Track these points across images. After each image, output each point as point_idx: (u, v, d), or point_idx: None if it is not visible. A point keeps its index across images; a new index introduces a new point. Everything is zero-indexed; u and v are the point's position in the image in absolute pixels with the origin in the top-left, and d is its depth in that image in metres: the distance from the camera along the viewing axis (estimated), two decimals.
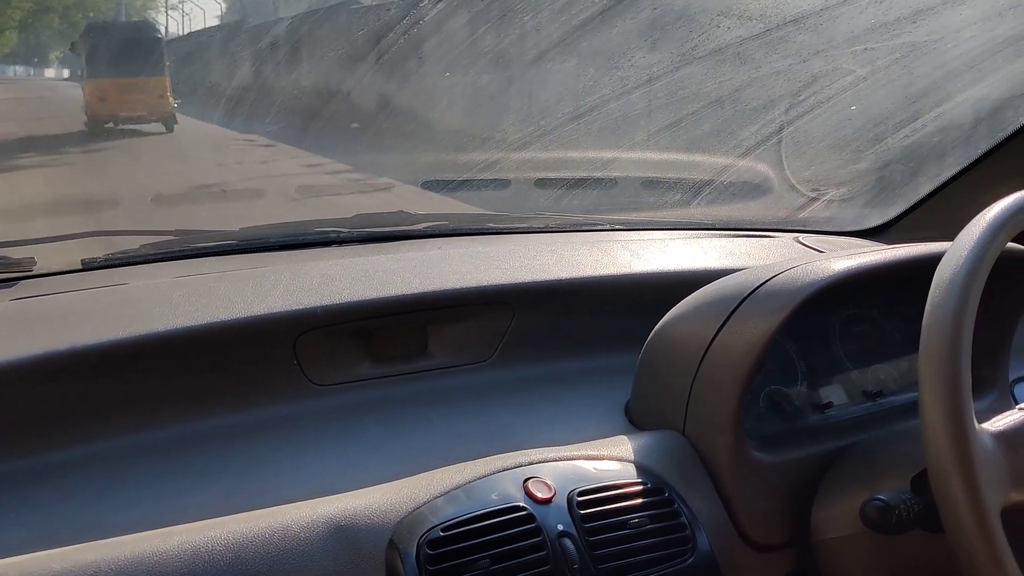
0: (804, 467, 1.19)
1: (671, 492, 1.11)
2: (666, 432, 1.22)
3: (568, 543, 1.02)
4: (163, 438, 1.21)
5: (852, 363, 1.37)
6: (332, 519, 0.99)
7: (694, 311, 1.27)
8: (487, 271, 1.47)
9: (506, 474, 1.08)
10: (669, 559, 1.06)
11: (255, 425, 1.25)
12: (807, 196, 2.04)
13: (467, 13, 8.75)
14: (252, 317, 1.27)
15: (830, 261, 1.24)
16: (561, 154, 2.84)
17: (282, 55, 12.96)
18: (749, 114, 2.52)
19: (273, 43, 14.91)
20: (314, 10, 12.49)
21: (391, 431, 1.28)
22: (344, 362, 1.35)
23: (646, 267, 1.57)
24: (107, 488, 1.11)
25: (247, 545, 0.95)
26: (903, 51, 2.03)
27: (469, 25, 8.83)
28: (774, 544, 1.17)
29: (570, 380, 1.44)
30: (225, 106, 11.43)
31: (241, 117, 7.83)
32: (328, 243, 1.66)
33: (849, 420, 1.31)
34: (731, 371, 1.16)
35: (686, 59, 3.17)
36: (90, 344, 1.19)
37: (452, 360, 1.43)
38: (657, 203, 2.14)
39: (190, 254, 1.57)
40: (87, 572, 0.89)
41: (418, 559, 0.97)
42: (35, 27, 47.55)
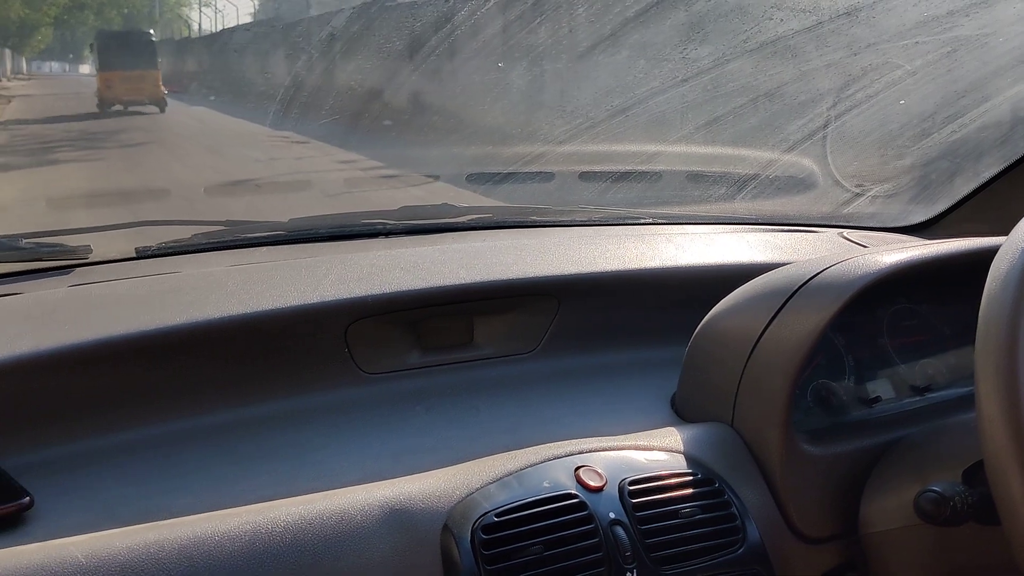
0: (853, 460, 1.19)
1: (721, 483, 1.12)
2: (715, 424, 1.22)
3: (620, 531, 1.02)
4: (217, 423, 1.23)
5: (900, 357, 1.37)
6: (388, 503, 1.00)
7: (744, 304, 1.27)
8: (532, 263, 1.48)
9: (557, 462, 1.09)
10: (719, 549, 1.07)
11: (306, 411, 1.28)
12: (851, 191, 2.03)
13: (520, 5, 8.75)
14: (305, 305, 1.29)
15: (881, 255, 1.23)
16: (606, 147, 2.84)
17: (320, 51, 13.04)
18: (796, 108, 2.51)
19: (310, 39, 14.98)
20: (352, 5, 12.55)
21: (439, 419, 1.29)
22: (393, 351, 1.37)
23: (691, 260, 1.58)
24: (163, 472, 1.14)
25: (305, 527, 0.96)
26: (953, 45, 2.01)
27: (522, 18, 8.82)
28: (822, 536, 1.17)
29: (615, 372, 1.44)
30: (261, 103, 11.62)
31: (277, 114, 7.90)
32: (374, 235, 1.68)
33: (897, 414, 1.30)
34: (781, 364, 1.16)
35: (737, 52, 3.15)
36: (146, 330, 1.22)
37: (498, 350, 1.44)
38: (701, 197, 2.14)
39: (241, 244, 1.59)
40: (150, 550, 0.91)
41: (473, 544, 0.98)
42: (70, 24, 48.22)
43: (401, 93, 9.81)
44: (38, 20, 41.25)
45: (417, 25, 9.10)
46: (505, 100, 9.92)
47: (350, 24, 11.89)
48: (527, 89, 9.89)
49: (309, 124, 7.94)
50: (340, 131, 8.33)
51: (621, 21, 6.55)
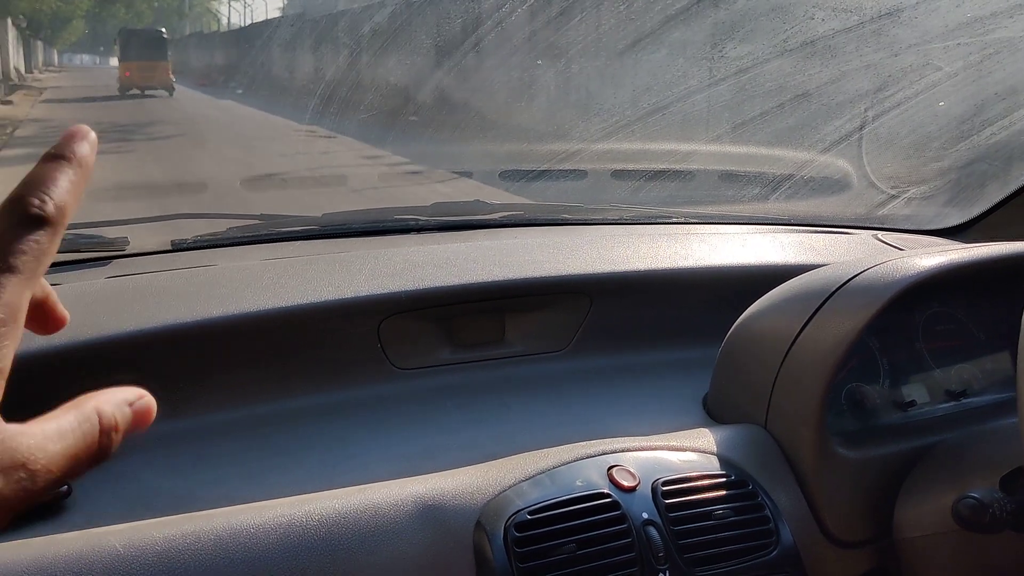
0: (887, 465, 1.18)
1: (754, 485, 1.11)
2: (748, 425, 1.22)
3: (653, 531, 1.02)
4: (252, 416, 1.24)
5: (935, 362, 1.36)
6: (421, 499, 1.01)
7: (779, 305, 1.26)
8: (565, 261, 1.48)
9: (590, 461, 1.09)
10: (752, 551, 1.06)
11: (339, 406, 1.28)
12: (887, 193, 2.01)
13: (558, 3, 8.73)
14: (340, 300, 1.30)
15: (918, 258, 1.22)
16: (640, 146, 2.83)
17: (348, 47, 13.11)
18: (833, 109, 2.48)
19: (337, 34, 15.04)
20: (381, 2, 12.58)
21: (471, 416, 1.30)
22: (425, 347, 1.37)
23: (724, 260, 1.57)
24: (197, 463, 1.15)
25: (339, 521, 0.97)
26: (996, 47, 1.98)
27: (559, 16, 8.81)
28: (856, 540, 1.16)
29: (646, 372, 1.44)
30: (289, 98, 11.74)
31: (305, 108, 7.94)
32: (407, 230, 1.68)
33: (932, 419, 1.29)
34: (817, 367, 1.15)
35: (776, 51, 3.13)
36: (183, 322, 1.23)
37: (529, 348, 1.44)
38: (735, 197, 2.13)
39: (275, 238, 1.60)
40: (187, 541, 0.92)
41: (505, 541, 0.98)
42: (101, 17, 48.76)
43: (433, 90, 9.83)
44: (70, 13, 41.81)
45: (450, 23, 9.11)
46: (540, 98, 9.91)
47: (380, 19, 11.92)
48: (562, 87, 9.88)
49: (337, 119, 7.97)
50: (370, 127, 8.37)
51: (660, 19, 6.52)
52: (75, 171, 0.46)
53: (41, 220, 0.43)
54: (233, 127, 13.75)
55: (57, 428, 0.43)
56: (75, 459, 0.43)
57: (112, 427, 0.45)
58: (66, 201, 0.45)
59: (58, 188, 0.44)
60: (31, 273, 0.43)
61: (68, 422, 0.44)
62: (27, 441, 0.41)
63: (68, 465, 0.43)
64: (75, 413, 0.44)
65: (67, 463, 0.43)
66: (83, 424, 0.44)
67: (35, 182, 0.44)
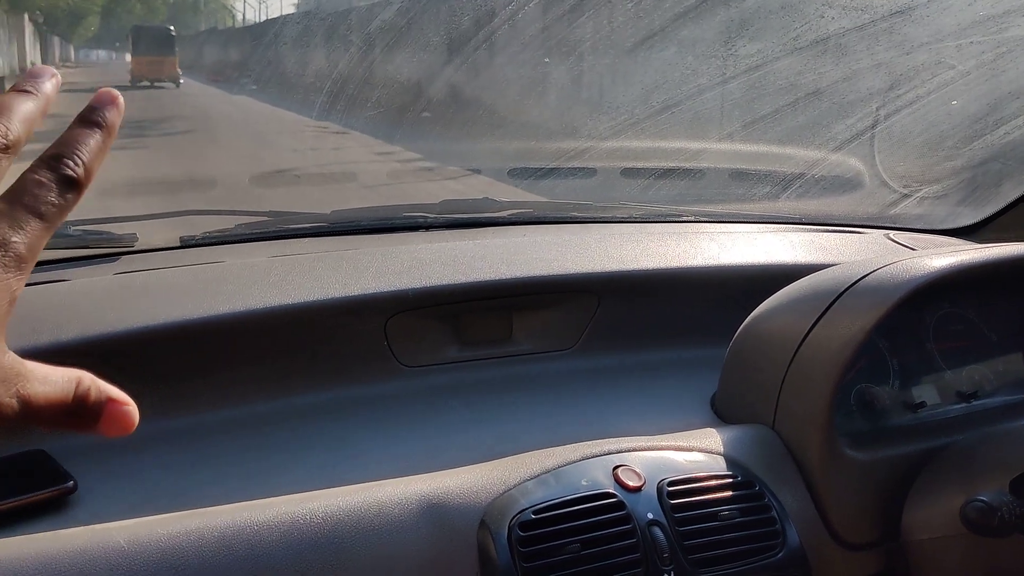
0: (896, 466, 1.17)
1: (761, 486, 1.10)
2: (755, 426, 1.21)
3: (658, 532, 1.02)
4: (257, 413, 1.24)
5: (946, 363, 1.35)
6: (425, 497, 1.01)
7: (788, 305, 1.25)
8: (573, 259, 1.48)
9: (595, 461, 1.08)
10: (758, 552, 1.05)
11: (345, 403, 1.28)
12: (899, 192, 1.99)
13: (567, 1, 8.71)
14: (347, 297, 1.30)
15: (929, 258, 1.21)
16: (650, 143, 2.82)
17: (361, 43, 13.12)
18: (844, 107, 2.47)
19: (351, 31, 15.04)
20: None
21: (477, 414, 1.29)
22: (432, 345, 1.37)
23: (734, 259, 1.56)
24: (201, 460, 1.15)
25: (343, 519, 0.97)
26: (1009, 46, 1.96)
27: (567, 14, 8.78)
28: (863, 543, 1.15)
29: (654, 371, 1.43)
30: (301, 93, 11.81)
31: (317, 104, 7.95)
32: (415, 228, 1.68)
33: (942, 421, 1.28)
34: (825, 367, 1.14)
35: (786, 50, 3.11)
36: (190, 319, 1.23)
37: (536, 347, 1.44)
38: (745, 195, 2.12)
39: (283, 234, 1.60)
40: (190, 537, 0.92)
41: (510, 540, 0.98)
42: (117, 12, 49.11)
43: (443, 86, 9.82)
44: (86, 9, 42.05)
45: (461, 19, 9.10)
46: (549, 95, 9.89)
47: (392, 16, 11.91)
48: (571, 85, 9.86)
49: (349, 115, 7.98)
50: (381, 123, 8.36)
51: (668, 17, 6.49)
52: (103, 136, 0.51)
53: (72, 180, 0.49)
54: (246, 123, 13.78)
55: (46, 373, 0.49)
56: (47, 405, 0.48)
57: (84, 396, 0.50)
58: (94, 165, 0.50)
59: (88, 152, 0.50)
60: (53, 223, 0.49)
61: (57, 374, 0.50)
62: (21, 369, 0.48)
63: (40, 407, 0.48)
64: (65, 371, 0.50)
65: (40, 404, 0.48)
66: (67, 383, 0.49)
67: (69, 144, 0.50)
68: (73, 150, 0.50)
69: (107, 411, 0.51)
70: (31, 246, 0.48)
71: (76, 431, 0.51)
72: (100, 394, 0.51)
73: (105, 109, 0.52)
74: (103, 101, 0.52)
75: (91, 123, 0.51)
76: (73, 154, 0.49)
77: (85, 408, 0.50)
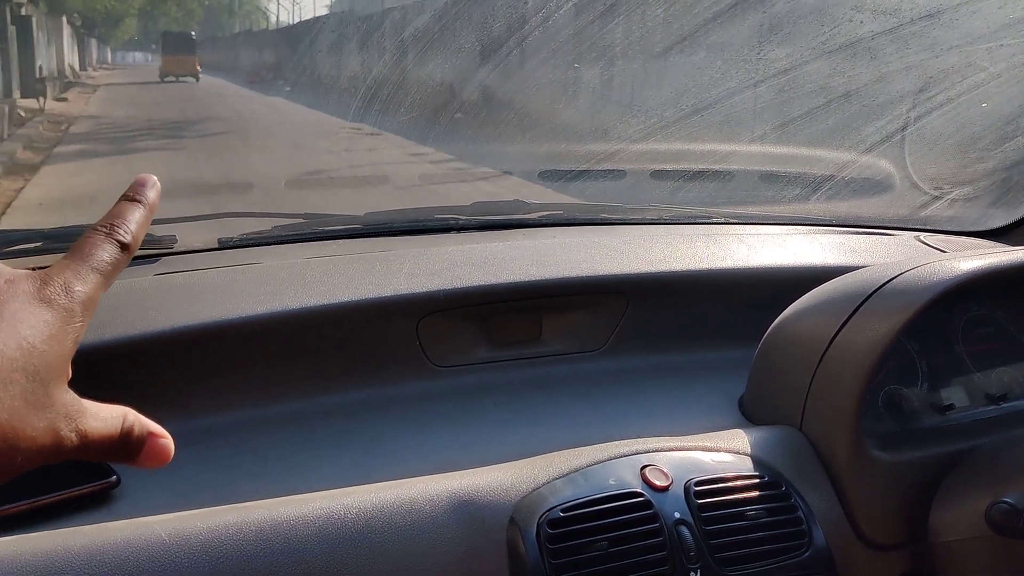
0: (924, 468, 1.17)
1: (788, 487, 1.11)
2: (783, 427, 1.22)
3: (685, 531, 1.03)
4: (293, 411, 1.27)
5: (975, 365, 1.34)
6: (456, 494, 1.03)
7: (816, 307, 1.26)
8: (602, 261, 1.49)
9: (623, 460, 1.10)
10: (785, 552, 1.06)
11: (378, 402, 1.31)
12: (930, 194, 1.98)
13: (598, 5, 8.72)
14: (380, 298, 1.32)
15: (957, 261, 1.21)
16: (680, 146, 2.82)
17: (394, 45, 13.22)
18: (875, 110, 2.46)
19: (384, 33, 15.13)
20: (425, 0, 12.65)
21: (507, 414, 1.31)
22: (463, 345, 1.39)
23: (763, 261, 1.57)
24: (240, 456, 1.18)
25: (376, 515, 0.99)
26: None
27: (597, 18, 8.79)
28: (890, 544, 1.16)
29: (683, 372, 1.44)
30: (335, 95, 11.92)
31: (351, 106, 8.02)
32: (447, 229, 1.70)
33: (971, 423, 1.28)
34: (853, 369, 1.15)
35: (816, 53, 3.10)
36: (228, 319, 1.26)
37: (566, 347, 1.45)
38: (774, 197, 2.12)
39: (318, 236, 1.63)
40: (229, 532, 0.94)
41: (538, 537, 1.00)
42: (153, 14, 49.96)
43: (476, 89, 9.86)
44: (123, 11, 42.83)
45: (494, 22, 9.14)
46: (580, 98, 9.90)
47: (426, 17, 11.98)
48: (602, 88, 9.85)
49: (383, 117, 8.05)
50: (414, 125, 8.42)
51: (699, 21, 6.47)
52: (146, 213, 0.62)
53: (124, 245, 0.60)
54: (281, 125, 13.92)
55: (98, 409, 0.57)
56: (99, 440, 0.56)
57: (129, 431, 0.57)
58: (139, 234, 0.61)
59: (135, 224, 0.61)
60: (109, 279, 0.58)
61: (106, 411, 0.57)
62: (79, 406, 0.55)
63: (93, 441, 0.55)
64: (112, 408, 0.58)
65: (94, 439, 0.55)
66: (115, 418, 0.57)
67: (120, 216, 0.61)
68: (123, 221, 0.60)
69: (148, 445, 0.58)
70: (91, 296, 0.56)
71: (118, 462, 0.57)
72: (142, 429, 0.58)
73: (147, 188, 0.63)
74: (145, 183, 0.63)
75: (136, 201, 0.62)
76: (123, 224, 0.60)
77: (130, 442, 0.57)
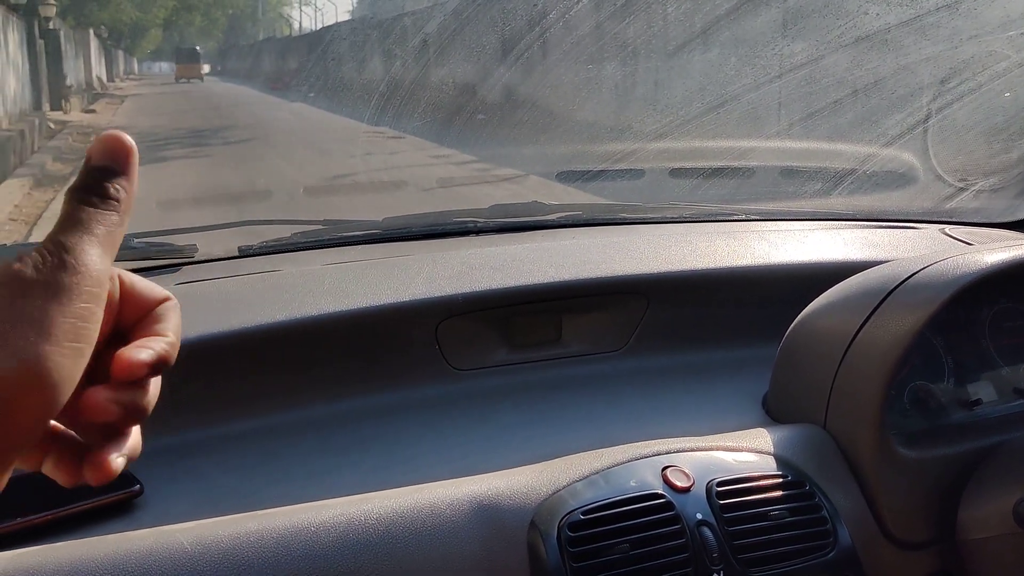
0: (950, 464, 1.16)
1: (812, 486, 1.10)
2: (806, 425, 1.20)
3: (707, 532, 1.02)
4: (313, 416, 1.27)
5: (1002, 359, 1.32)
6: (476, 498, 1.02)
7: (838, 303, 1.25)
8: (621, 261, 1.48)
9: (644, 462, 1.09)
10: (809, 552, 1.05)
11: (398, 406, 1.31)
12: (954, 186, 1.96)
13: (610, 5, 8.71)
14: (398, 303, 1.32)
15: (982, 254, 1.19)
16: (698, 143, 2.81)
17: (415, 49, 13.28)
18: (895, 102, 2.43)
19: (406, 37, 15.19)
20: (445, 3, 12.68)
21: (527, 416, 1.31)
22: (482, 348, 1.39)
23: (784, 258, 1.55)
24: (261, 462, 1.18)
25: (397, 520, 0.99)
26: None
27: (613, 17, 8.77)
28: (917, 542, 1.14)
29: (705, 371, 1.43)
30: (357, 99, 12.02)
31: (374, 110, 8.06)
32: (465, 233, 1.70)
33: (998, 418, 1.26)
34: (876, 365, 1.13)
35: (832, 47, 3.07)
36: (249, 326, 1.26)
37: (586, 348, 1.45)
38: (796, 193, 2.10)
39: (338, 242, 1.63)
40: (251, 539, 0.95)
41: (559, 541, 0.99)
42: (178, 24, 50.79)
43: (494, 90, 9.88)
44: (148, 22, 43.55)
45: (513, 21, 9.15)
46: (597, 97, 9.87)
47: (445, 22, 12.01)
48: (619, 86, 9.83)
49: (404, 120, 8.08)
50: (435, 127, 8.45)
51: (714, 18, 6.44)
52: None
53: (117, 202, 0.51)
54: (304, 130, 14.01)
55: None
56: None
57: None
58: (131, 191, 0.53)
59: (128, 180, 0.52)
60: (111, 247, 0.50)
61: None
62: None
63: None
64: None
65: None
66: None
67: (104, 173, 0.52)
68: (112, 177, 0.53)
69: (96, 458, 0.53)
70: (101, 271, 0.50)
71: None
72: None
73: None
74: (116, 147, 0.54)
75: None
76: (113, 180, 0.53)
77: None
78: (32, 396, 0.45)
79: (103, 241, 0.50)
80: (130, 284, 0.57)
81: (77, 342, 0.47)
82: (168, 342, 0.56)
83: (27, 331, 0.46)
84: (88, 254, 0.49)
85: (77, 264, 0.48)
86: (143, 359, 0.52)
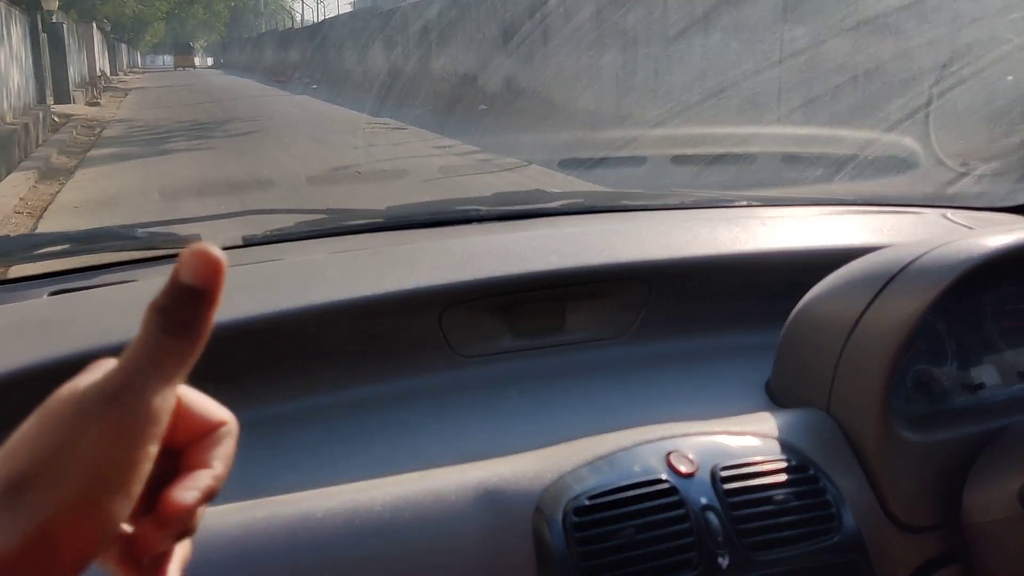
0: (955, 448, 1.16)
1: (816, 470, 1.10)
2: (810, 410, 1.21)
3: (712, 517, 1.03)
4: (319, 405, 1.28)
5: (1006, 343, 1.32)
6: (481, 484, 1.03)
7: (841, 288, 1.25)
8: (624, 247, 1.48)
9: (648, 447, 1.09)
10: (814, 536, 1.06)
11: (404, 393, 1.31)
12: (956, 171, 1.95)
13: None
14: (403, 291, 1.33)
15: (985, 237, 1.19)
16: (699, 130, 2.80)
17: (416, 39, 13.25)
18: (897, 87, 2.42)
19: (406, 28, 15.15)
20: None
21: (532, 402, 1.31)
22: (486, 335, 1.40)
23: (787, 243, 1.55)
24: (268, 451, 1.19)
25: (403, 506, 1.00)
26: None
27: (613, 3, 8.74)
28: (922, 526, 1.15)
29: (708, 357, 1.44)
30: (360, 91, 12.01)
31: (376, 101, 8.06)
32: (468, 221, 1.70)
33: (1002, 402, 1.26)
34: (879, 349, 1.14)
35: (833, 31, 3.05)
36: (254, 315, 1.27)
37: (590, 335, 1.45)
38: (797, 179, 2.09)
39: (341, 231, 1.64)
40: (259, 526, 0.96)
41: (564, 526, 1.00)
42: (180, 17, 51.20)
43: (495, 79, 9.87)
44: (151, 16, 43.58)
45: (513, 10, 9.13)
46: (598, 85, 9.85)
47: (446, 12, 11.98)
48: (620, 73, 9.80)
49: (407, 110, 8.09)
50: (438, 117, 8.45)
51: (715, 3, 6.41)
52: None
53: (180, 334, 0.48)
54: (307, 122, 13.99)
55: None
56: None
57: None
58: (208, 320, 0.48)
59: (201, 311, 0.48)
60: (180, 381, 0.48)
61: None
62: None
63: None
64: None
65: None
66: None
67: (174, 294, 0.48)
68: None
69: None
70: (159, 409, 0.48)
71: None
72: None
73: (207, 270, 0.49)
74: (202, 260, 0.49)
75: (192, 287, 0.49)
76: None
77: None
78: (78, 537, 0.45)
79: (174, 378, 0.48)
80: (187, 404, 0.54)
81: (130, 485, 0.46)
82: (215, 476, 0.54)
83: (80, 471, 0.44)
84: (160, 396, 0.47)
85: (148, 412, 0.46)
86: (189, 503, 0.51)
